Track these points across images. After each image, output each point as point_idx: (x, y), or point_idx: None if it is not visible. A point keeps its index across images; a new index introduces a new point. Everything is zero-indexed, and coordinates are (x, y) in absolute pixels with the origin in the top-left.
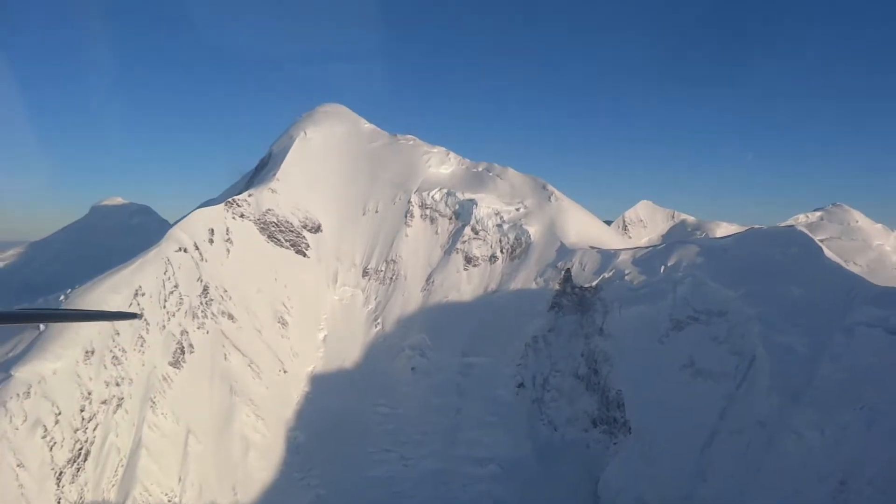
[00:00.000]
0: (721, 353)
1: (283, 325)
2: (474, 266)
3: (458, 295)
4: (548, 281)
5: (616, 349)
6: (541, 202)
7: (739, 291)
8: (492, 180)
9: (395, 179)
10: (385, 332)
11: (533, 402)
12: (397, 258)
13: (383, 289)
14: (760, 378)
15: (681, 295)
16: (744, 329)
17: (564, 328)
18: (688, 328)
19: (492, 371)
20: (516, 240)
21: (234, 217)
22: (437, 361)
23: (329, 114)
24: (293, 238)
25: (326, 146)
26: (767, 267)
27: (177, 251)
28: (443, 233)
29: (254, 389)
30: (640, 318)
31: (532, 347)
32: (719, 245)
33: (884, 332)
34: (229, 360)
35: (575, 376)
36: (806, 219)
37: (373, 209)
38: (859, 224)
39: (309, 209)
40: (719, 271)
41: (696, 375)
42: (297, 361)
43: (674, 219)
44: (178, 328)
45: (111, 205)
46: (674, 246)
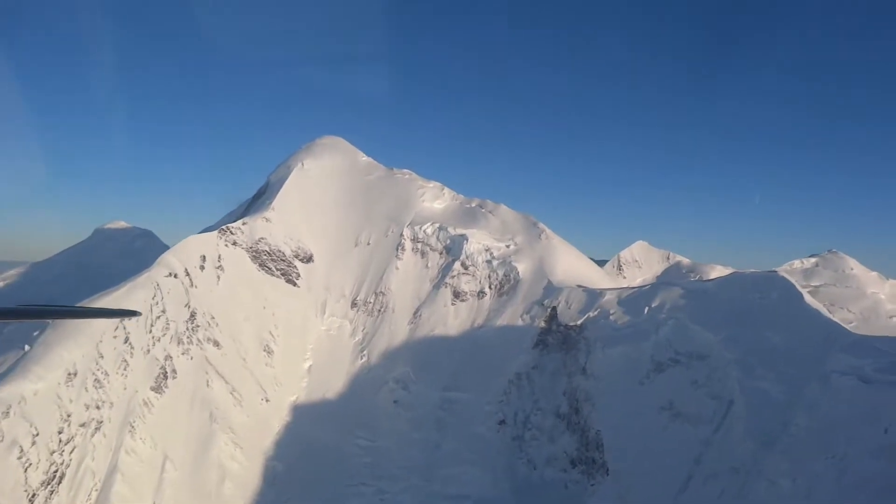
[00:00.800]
0: (700, 396)
1: (269, 354)
2: (462, 301)
3: (445, 329)
4: (534, 318)
5: (597, 389)
6: (531, 240)
7: (720, 335)
8: (484, 217)
9: (389, 212)
10: (370, 364)
11: (513, 440)
12: (386, 290)
13: (371, 320)
14: (737, 423)
15: (663, 336)
16: (723, 373)
17: (548, 366)
18: (669, 370)
19: (473, 407)
20: (505, 276)
21: (226, 244)
22: (419, 395)
23: (327, 146)
24: (284, 267)
25: (323, 178)
26: (749, 311)
27: (167, 276)
28: (433, 267)
29: (234, 417)
30: (622, 358)
31: (515, 384)
32: (703, 288)
33: (857, 382)
34: (211, 387)
35: (556, 415)
36: (801, 264)
37: (365, 241)
38: (854, 272)
39: (302, 239)
40: (702, 314)
41: (674, 418)
42: (281, 390)
43: (669, 260)
44: (163, 353)
45: (114, 228)
46: (659, 287)
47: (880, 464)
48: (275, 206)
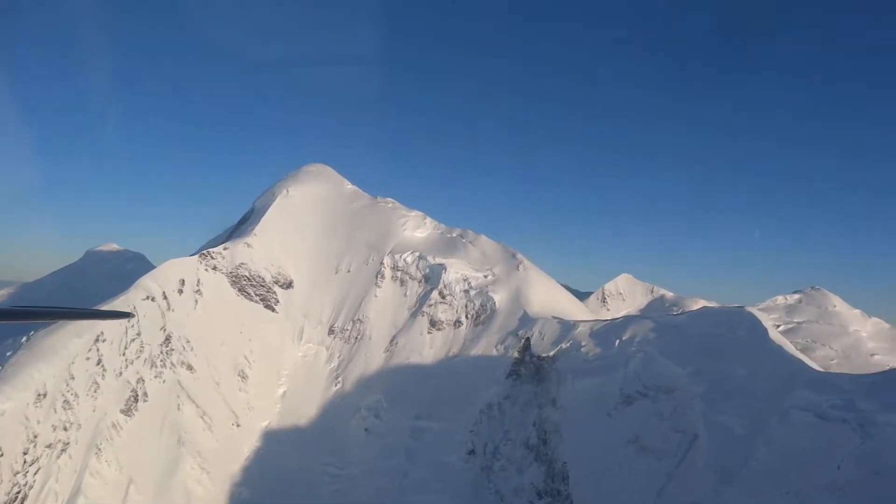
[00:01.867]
0: (665, 430)
1: (243, 379)
2: (438, 330)
3: (420, 357)
4: (508, 348)
5: (566, 421)
6: (509, 270)
7: (687, 369)
8: (464, 247)
9: (371, 241)
10: (344, 391)
11: (482, 470)
12: (364, 318)
13: (347, 347)
14: (699, 457)
15: (632, 370)
16: (688, 407)
17: (520, 397)
18: (636, 403)
19: (444, 436)
20: (482, 306)
21: (206, 269)
22: (391, 423)
23: (313, 173)
24: (263, 293)
25: (307, 205)
26: (716, 346)
27: (144, 299)
28: (411, 295)
29: (203, 442)
30: (591, 390)
31: (486, 414)
32: (673, 322)
33: (815, 418)
34: (182, 411)
35: (525, 446)
36: (785, 300)
37: (345, 268)
38: (837, 309)
39: (283, 265)
40: (671, 348)
41: (639, 452)
42: (253, 416)
43: (653, 293)
44: (135, 376)
45: (106, 251)
46: (630, 320)
47: (833, 499)
48: (257, 232)
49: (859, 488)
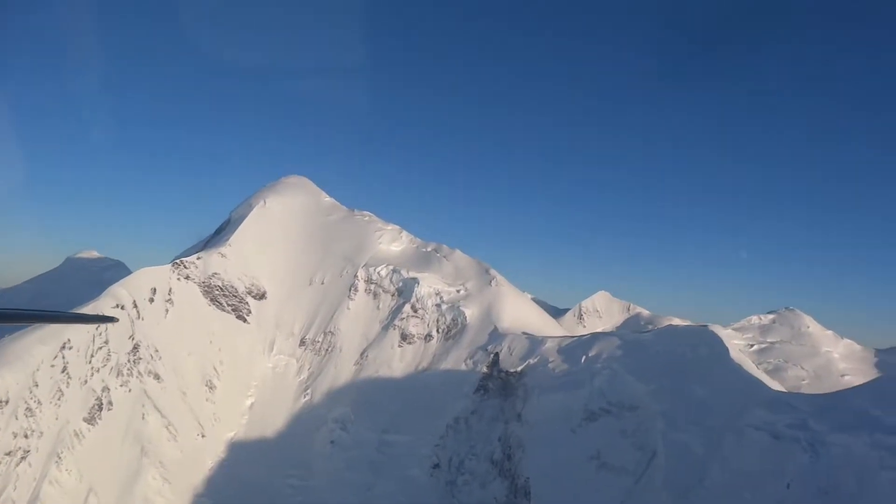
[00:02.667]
0: (626, 447)
1: (211, 389)
2: (409, 343)
3: (390, 371)
4: (477, 363)
5: (530, 436)
6: (482, 286)
7: (650, 387)
8: (438, 261)
9: (346, 253)
10: (313, 404)
11: (446, 485)
12: (336, 330)
13: (318, 360)
14: (657, 475)
15: (597, 386)
16: (649, 425)
17: (487, 412)
18: (600, 420)
19: (409, 450)
20: (453, 321)
21: (178, 278)
22: (357, 436)
23: (291, 185)
24: (235, 303)
25: (284, 216)
26: (678, 364)
27: (113, 308)
28: (384, 308)
29: (166, 452)
30: (556, 406)
31: (453, 428)
32: (639, 339)
33: (769, 437)
34: (146, 421)
35: (490, 461)
36: (759, 320)
37: (320, 280)
38: (809, 329)
39: (256, 276)
40: (635, 365)
41: (601, 468)
42: (219, 426)
43: (629, 311)
44: (101, 384)
45: (85, 258)
46: (597, 337)
47: None
48: (231, 242)
49: None
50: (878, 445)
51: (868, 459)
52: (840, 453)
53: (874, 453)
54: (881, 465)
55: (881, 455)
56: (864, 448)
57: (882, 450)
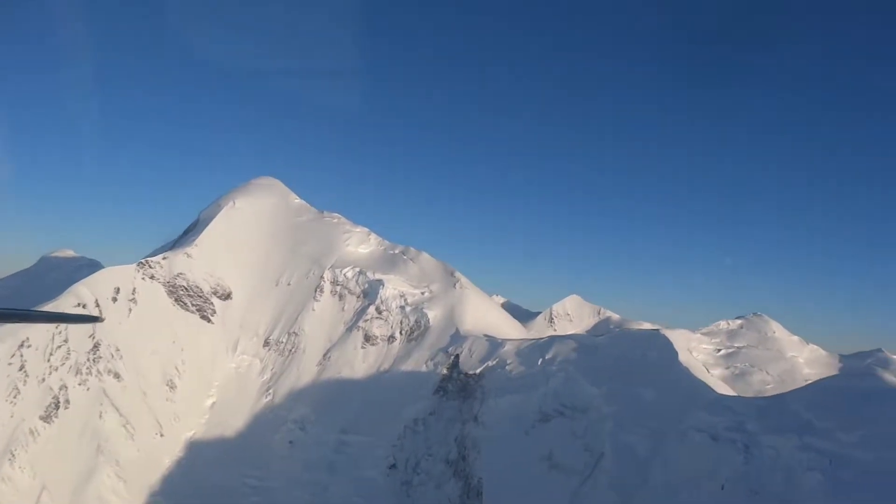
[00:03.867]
0: (576, 448)
1: (172, 389)
2: (372, 345)
3: (352, 372)
4: (437, 365)
5: (485, 437)
6: (446, 288)
7: (602, 389)
8: (404, 263)
9: (313, 255)
10: (274, 404)
11: (402, 485)
12: (300, 331)
13: (281, 360)
14: (603, 475)
15: (552, 388)
16: (599, 427)
17: (445, 413)
18: (553, 421)
19: (367, 450)
20: (416, 322)
21: (143, 278)
22: (315, 437)
23: (261, 186)
24: (200, 303)
25: (253, 217)
26: (630, 367)
27: (75, 306)
28: (349, 310)
29: (123, 451)
30: (512, 407)
31: (411, 430)
32: (594, 343)
33: (708, 439)
34: (104, 419)
35: (446, 462)
36: (727, 325)
37: (286, 281)
38: (776, 335)
39: (223, 276)
40: (590, 368)
41: (551, 469)
42: (178, 426)
43: (599, 315)
44: (59, 383)
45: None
46: (554, 340)
47: None
48: (198, 243)
49: None
50: (807, 448)
51: (796, 461)
52: (771, 455)
53: (802, 455)
54: (807, 466)
55: (808, 457)
56: (793, 450)
57: (810, 452)
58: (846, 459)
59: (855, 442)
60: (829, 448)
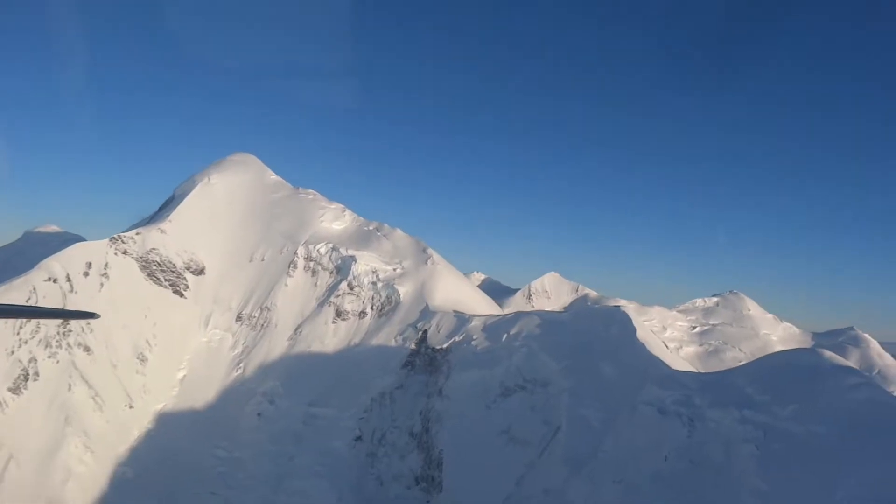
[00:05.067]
0: (534, 421)
1: (142, 362)
2: (343, 320)
3: (322, 346)
4: (406, 340)
5: (449, 410)
6: (418, 264)
7: (562, 364)
8: (378, 240)
9: (287, 231)
10: (244, 377)
11: (367, 456)
12: (272, 306)
13: (253, 335)
14: (558, 448)
15: (514, 363)
16: (557, 400)
17: (412, 387)
18: (514, 395)
19: (334, 422)
20: (387, 298)
21: (116, 253)
22: (284, 409)
23: (237, 162)
24: (173, 278)
25: (228, 193)
26: (591, 343)
27: (45, 280)
28: (321, 286)
29: (91, 422)
30: (475, 382)
31: (378, 402)
32: (558, 319)
33: (656, 412)
34: (73, 391)
35: (410, 434)
36: (703, 303)
37: (260, 257)
38: (751, 313)
39: (196, 252)
40: (552, 343)
41: (509, 442)
42: (148, 398)
43: (577, 292)
44: (28, 355)
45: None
46: (520, 316)
47: (656, 488)
48: (172, 219)
49: (680, 478)
50: (745, 420)
51: (734, 433)
52: (712, 427)
53: (740, 427)
54: (743, 438)
55: (745, 429)
56: (733, 423)
57: (747, 424)
58: (779, 432)
59: (788, 416)
60: (764, 421)
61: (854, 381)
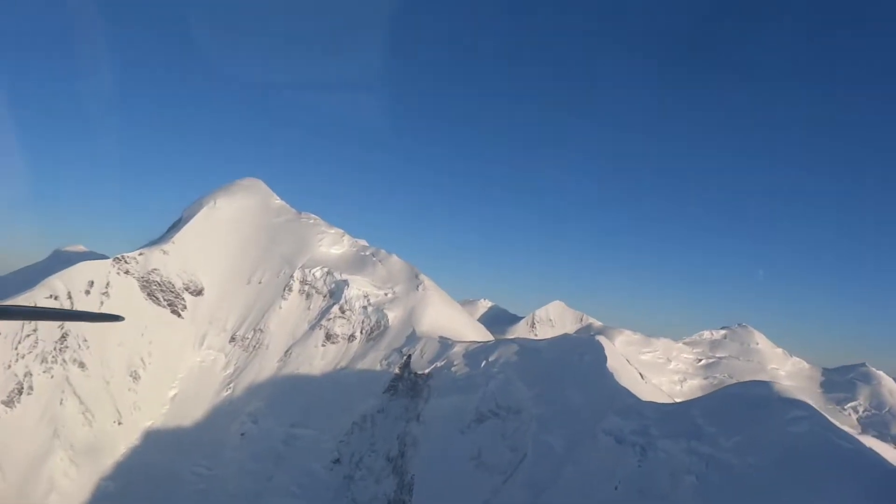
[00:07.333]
0: (503, 448)
1: (135, 380)
2: (333, 343)
3: (310, 368)
4: (391, 364)
5: (425, 435)
6: (409, 290)
7: (533, 391)
8: (373, 265)
9: (286, 254)
10: (233, 397)
11: (344, 479)
12: (265, 328)
13: (245, 356)
14: (523, 474)
15: (490, 389)
16: (526, 427)
17: (392, 411)
18: (487, 422)
19: (314, 444)
20: (376, 323)
21: (118, 272)
22: (266, 429)
23: (244, 187)
24: (172, 298)
25: (232, 217)
26: (564, 371)
27: (47, 298)
28: (314, 309)
29: (79, 436)
30: (452, 407)
31: (359, 426)
32: (535, 346)
33: (614, 441)
34: (64, 406)
35: (387, 458)
36: (711, 335)
37: (258, 279)
38: (759, 346)
39: (196, 273)
40: (528, 371)
41: (478, 467)
42: (138, 415)
43: (581, 322)
44: (24, 370)
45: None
46: (500, 343)
47: None
48: (176, 240)
49: None
50: (691, 451)
51: (680, 463)
52: (662, 457)
53: (686, 458)
54: (688, 469)
55: (690, 460)
56: (680, 453)
57: (692, 455)
58: (719, 464)
59: (730, 447)
60: (708, 452)
61: (797, 415)
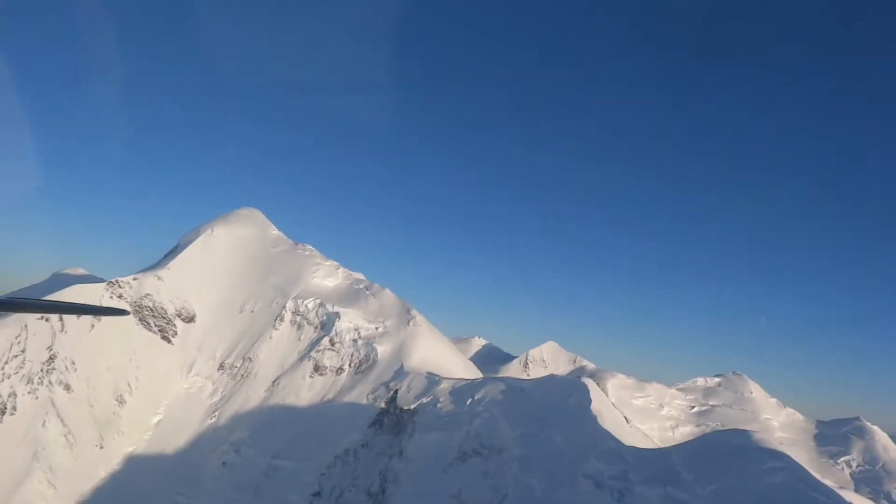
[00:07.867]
0: (484, 488)
1: (120, 404)
2: (321, 375)
3: (297, 399)
4: (377, 398)
5: (407, 472)
6: (400, 325)
7: (517, 432)
8: (365, 298)
9: (280, 285)
10: (217, 426)
11: None
12: (254, 357)
13: (232, 384)
14: None
15: (474, 428)
16: (507, 468)
17: (376, 445)
18: (470, 460)
19: (295, 476)
20: (365, 356)
21: (111, 296)
22: (248, 459)
23: (242, 216)
24: (163, 324)
25: (228, 246)
26: (548, 412)
27: (38, 319)
28: (305, 340)
29: (59, 459)
30: (436, 444)
31: (342, 459)
32: (521, 386)
33: (593, 485)
34: (46, 428)
35: (367, 493)
36: (704, 382)
37: (250, 309)
38: (753, 395)
39: (189, 299)
40: (513, 410)
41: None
42: (120, 440)
43: (575, 363)
44: (9, 390)
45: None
46: (486, 381)
47: None
48: (170, 267)
49: None
50: (668, 498)
51: None
52: (639, 502)
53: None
54: None
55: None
56: (657, 499)
57: (669, 501)
58: None
59: (706, 495)
60: (684, 499)
61: (773, 465)
